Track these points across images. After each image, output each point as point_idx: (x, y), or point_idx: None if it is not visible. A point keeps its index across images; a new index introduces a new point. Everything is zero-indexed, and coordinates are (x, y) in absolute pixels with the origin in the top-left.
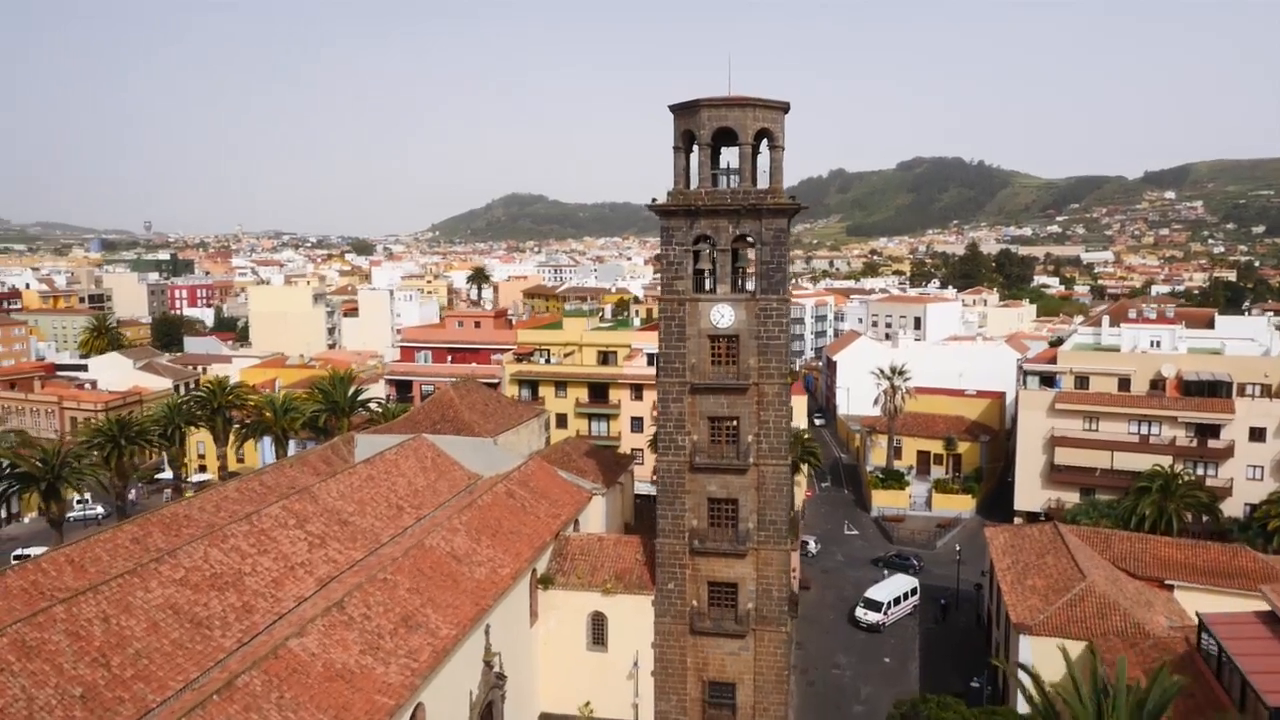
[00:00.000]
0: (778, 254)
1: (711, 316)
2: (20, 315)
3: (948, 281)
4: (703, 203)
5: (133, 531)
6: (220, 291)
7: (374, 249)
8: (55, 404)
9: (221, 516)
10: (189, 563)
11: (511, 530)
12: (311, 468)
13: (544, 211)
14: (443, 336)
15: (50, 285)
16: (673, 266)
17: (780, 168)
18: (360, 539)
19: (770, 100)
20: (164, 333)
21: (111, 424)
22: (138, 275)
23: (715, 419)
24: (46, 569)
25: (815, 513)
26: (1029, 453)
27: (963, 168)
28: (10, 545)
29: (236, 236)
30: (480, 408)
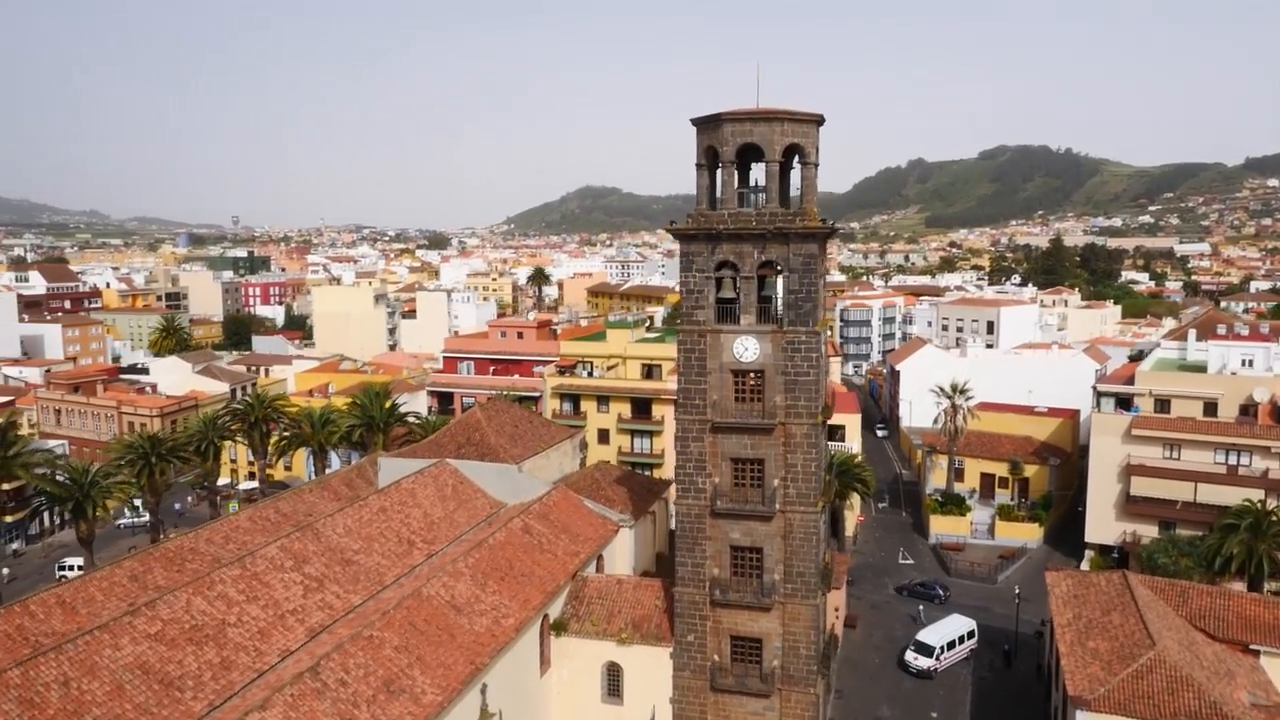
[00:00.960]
0: (807, 282)
1: (734, 349)
2: (100, 314)
3: (1028, 278)
4: (725, 226)
5: (132, 568)
6: (292, 289)
7: (449, 242)
8: (114, 408)
9: (230, 549)
10: (168, 614)
11: (523, 572)
12: (333, 492)
13: (617, 204)
14: (485, 347)
15: (129, 284)
16: (693, 295)
17: (812, 186)
18: (362, 580)
19: (800, 113)
20: (233, 331)
21: (144, 440)
22: (213, 274)
23: (738, 460)
24: (35, 611)
25: (868, 538)
26: (1102, 481)
27: (1049, 156)
28: (60, 552)
29: (319, 230)
30: (509, 430)
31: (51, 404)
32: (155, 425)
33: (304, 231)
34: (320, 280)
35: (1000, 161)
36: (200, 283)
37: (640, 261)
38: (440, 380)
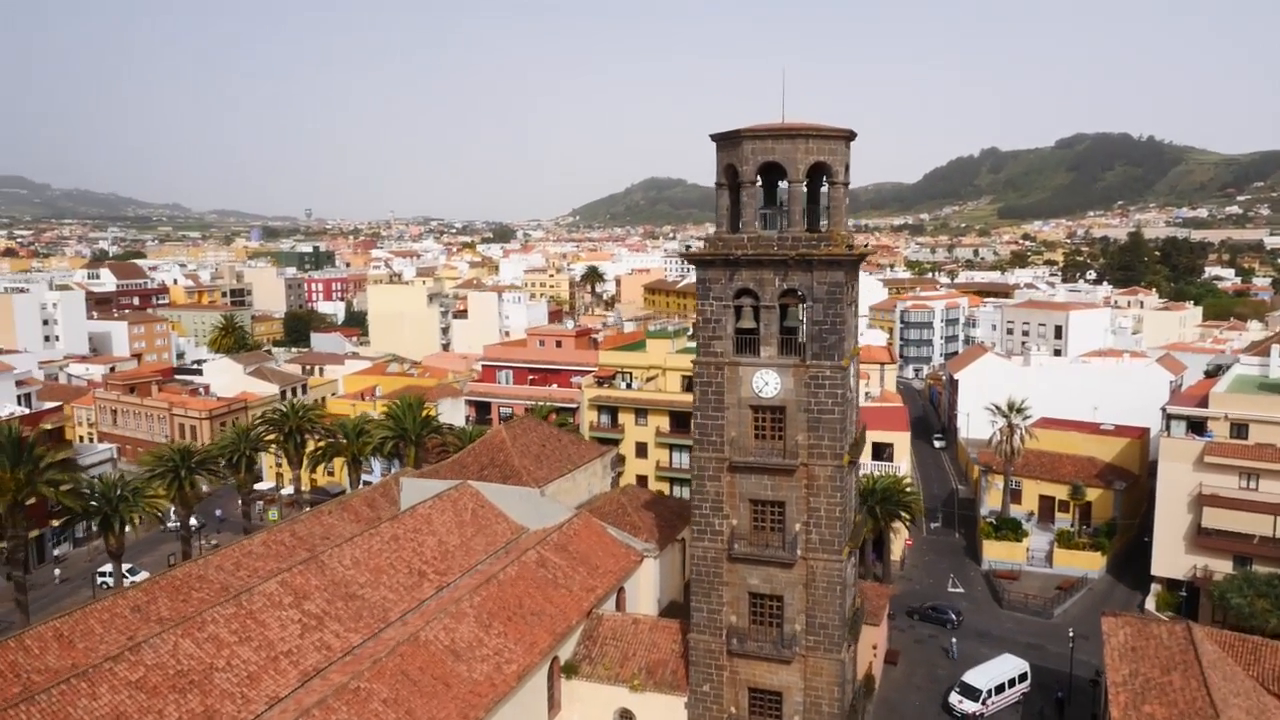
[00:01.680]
0: (832, 313)
1: (754, 384)
2: (166, 310)
3: (1103, 274)
4: (744, 252)
5: (136, 599)
6: (353, 285)
7: (513, 235)
8: (166, 410)
9: (240, 576)
10: (152, 658)
11: (534, 611)
12: (353, 513)
13: (682, 195)
14: (523, 356)
15: (195, 281)
16: (710, 324)
17: (841, 208)
18: (365, 616)
19: (826, 128)
20: (293, 328)
21: (174, 452)
22: (276, 269)
23: (758, 502)
24: (30, 646)
25: (917, 562)
26: (1171, 510)
27: (1130, 144)
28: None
29: (387, 223)
30: (535, 450)
31: (108, 404)
32: (204, 428)
33: (373, 224)
34: (381, 276)
35: (1078, 150)
36: (264, 279)
37: None
38: (478, 389)
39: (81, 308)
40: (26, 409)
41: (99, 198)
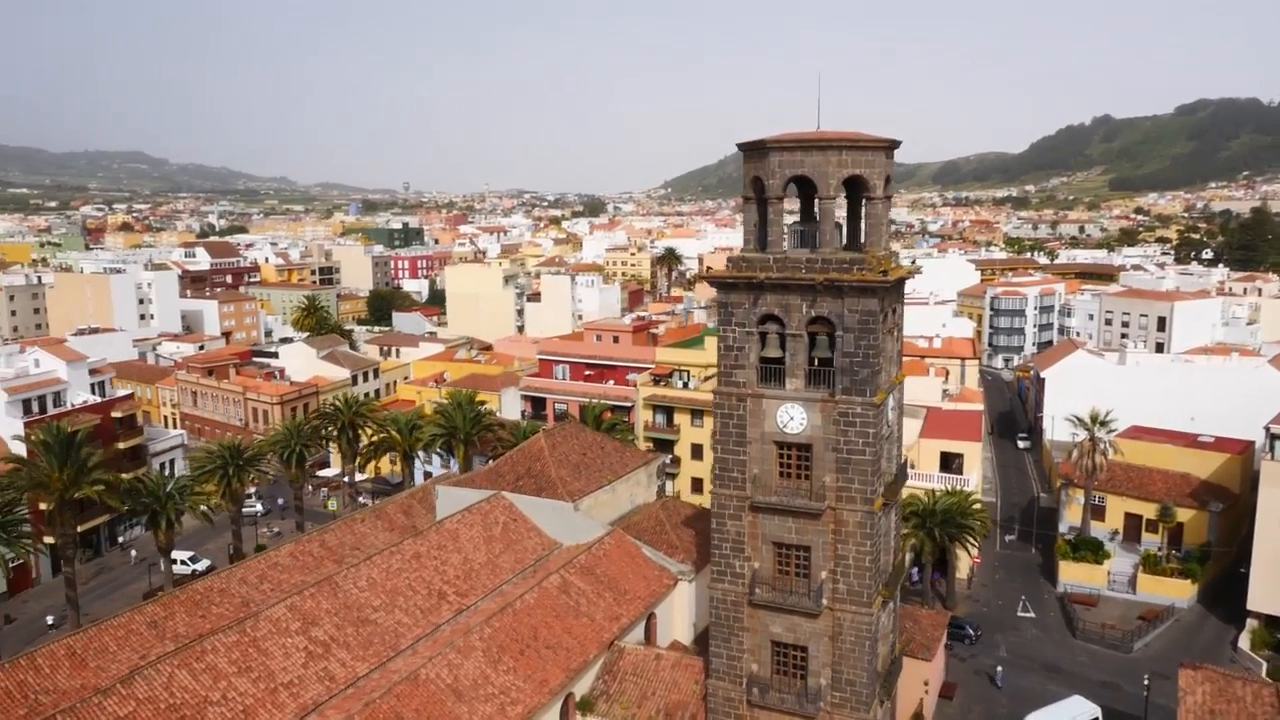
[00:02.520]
0: (865, 343)
1: (778, 418)
2: (258, 289)
3: (1221, 255)
4: (767, 275)
5: (154, 613)
6: (438, 263)
7: (604, 208)
8: (240, 394)
9: (263, 589)
10: (144, 691)
11: (549, 643)
12: (388, 521)
13: None
14: (579, 350)
15: (286, 259)
16: (732, 352)
17: (879, 226)
18: (376, 643)
19: (862, 138)
20: (376, 307)
21: (224, 449)
22: (364, 247)
23: (782, 545)
24: (41, 665)
25: (987, 579)
26: (1271, 539)
27: (1258, 110)
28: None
29: (481, 196)
30: (574, 459)
31: (189, 386)
32: (275, 413)
33: (468, 197)
34: (465, 253)
35: (1200, 117)
36: (352, 256)
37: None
38: (533, 385)
39: (174, 287)
40: (99, 397)
41: (212, 172)
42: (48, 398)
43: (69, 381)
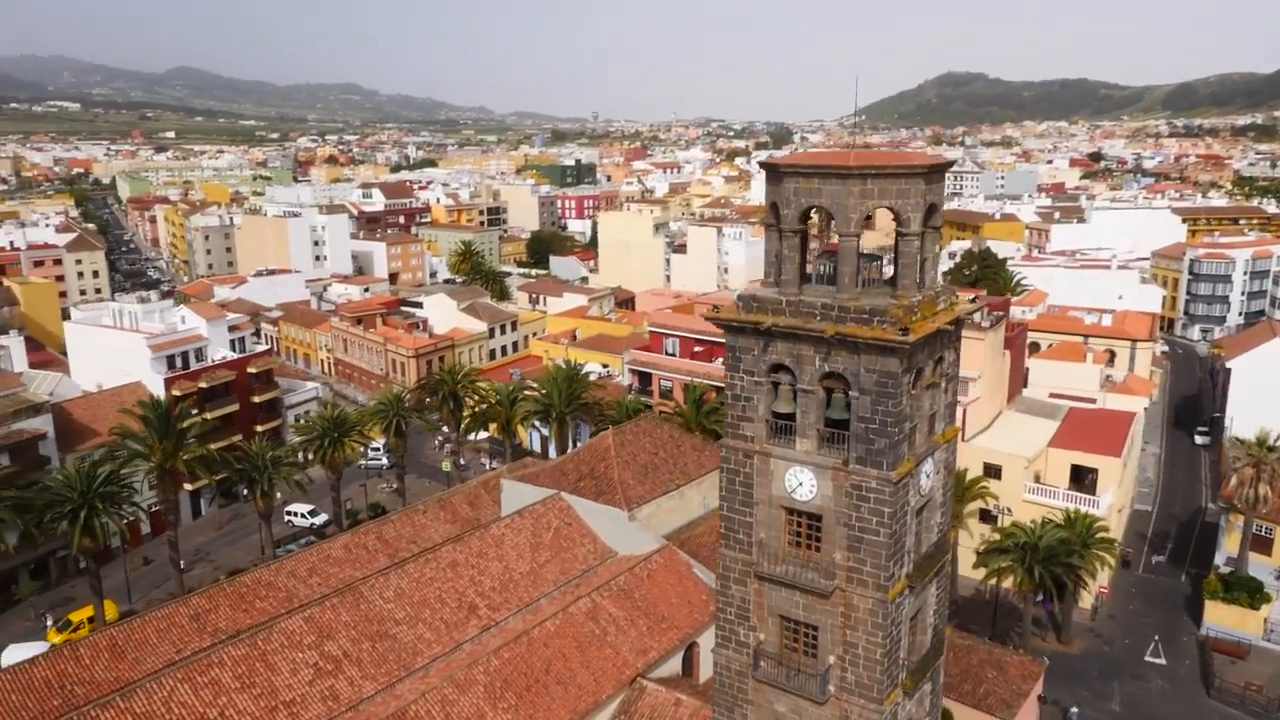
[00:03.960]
0: (883, 410)
1: (786, 481)
2: (428, 230)
3: None
4: (773, 322)
5: (197, 606)
6: (605, 202)
7: (791, 138)
8: (381, 345)
9: (312, 583)
10: (142, 705)
11: (562, 678)
12: (451, 513)
13: (981, 92)
14: (690, 325)
15: (455, 199)
16: (739, 402)
17: (913, 268)
18: (390, 660)
19: (892, 164)
20: (535, 250)
21: (325, 419)
22: (531, 187)
23: (789, 620)
24: (82, 656)
25: (1117, 610)
26: None
27: None
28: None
29: (668, 125)
30: (642, 460)
31: (340, 334)
32: (411, 366)
33: (654, 127)
34: (633, 192)
35: None
36: (519, 196)
37: (975, 173)
38: (640, 360)
39: (346, 230)
40: (237, 353)
41: (418, 102)
42: (190, 354)
43: (209, 338)
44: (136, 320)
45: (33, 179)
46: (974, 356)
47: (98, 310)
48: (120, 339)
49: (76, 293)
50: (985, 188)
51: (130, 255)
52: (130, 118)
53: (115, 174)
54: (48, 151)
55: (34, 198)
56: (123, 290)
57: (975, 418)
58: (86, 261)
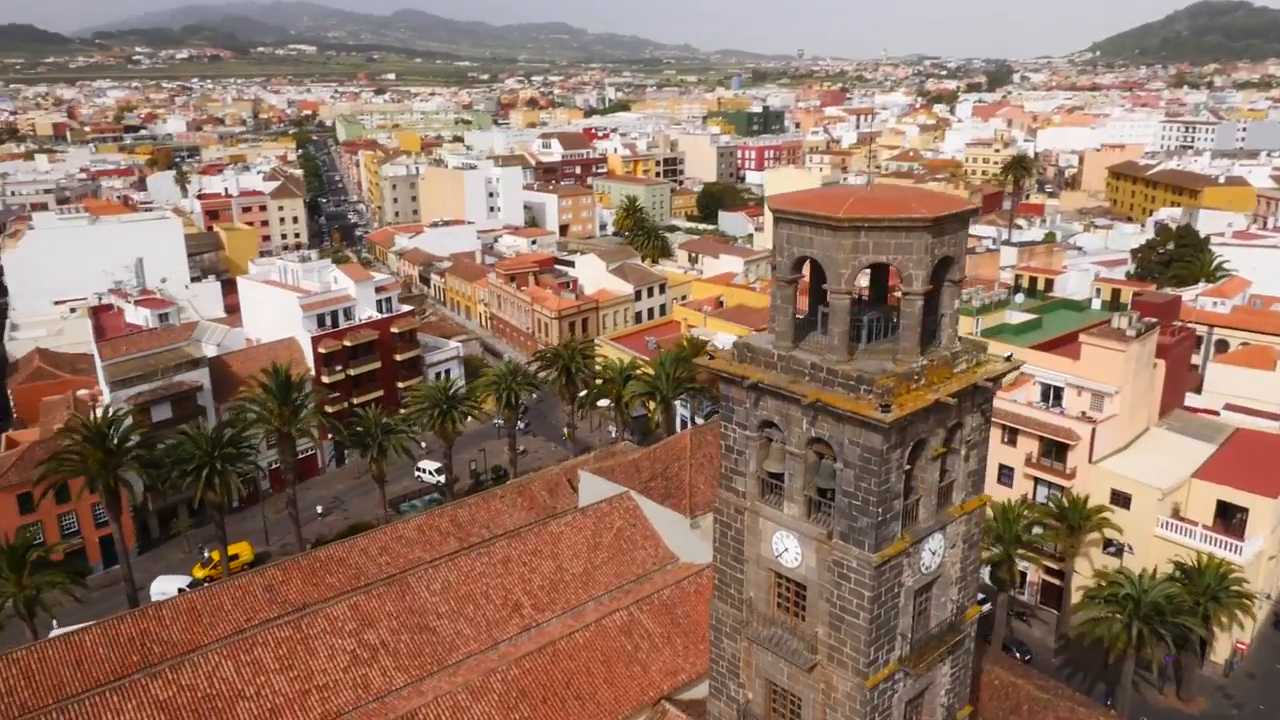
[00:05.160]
0: (868, 486)
1: (775, 543)
2: (602, 181)
3: None
4: (759, 378)
5: (273, 576)
6: (787, 153)
7: (1010, 77)
8: (529, 304)
9: (382, 561)
10: (188, 678)
11: (581, 693)
12: (529, 499)
13: (1242, 22)
14: None
15: (632, 150)
16: (732, 455)
17: (915, 330)
18: (425, 654)
19: (888, 217)
20: (705, 204)
21: (438, 390)
22: (710, 136)
23: (775, 686)
24: (164, 616)
25: (1257, 668)
26: None
27: None
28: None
29: (875, 64)
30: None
31: (496, 291)
32: (553, 328)
33: (861, 65)
34: (818, 142)
35: None
36: (697, 147)
37: (1210, 124)
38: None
39: (519, 182)
40: (382, 313)
41: (623, 41)
42: (339, 313)
43: (357, 298)
44: (297, 278)
45: (268, 120)
46: (1110, 369)
47: (267, 266)
48: (279, 296)
49: (278, 237)
50: (1222, 140)
51: (337, 197)
52: (358, 60)
53: (336, 116)
54: (283, 94)
55: (264, 140)
56: (323, 233)
57: (1108, 437)
58: (288, 208)
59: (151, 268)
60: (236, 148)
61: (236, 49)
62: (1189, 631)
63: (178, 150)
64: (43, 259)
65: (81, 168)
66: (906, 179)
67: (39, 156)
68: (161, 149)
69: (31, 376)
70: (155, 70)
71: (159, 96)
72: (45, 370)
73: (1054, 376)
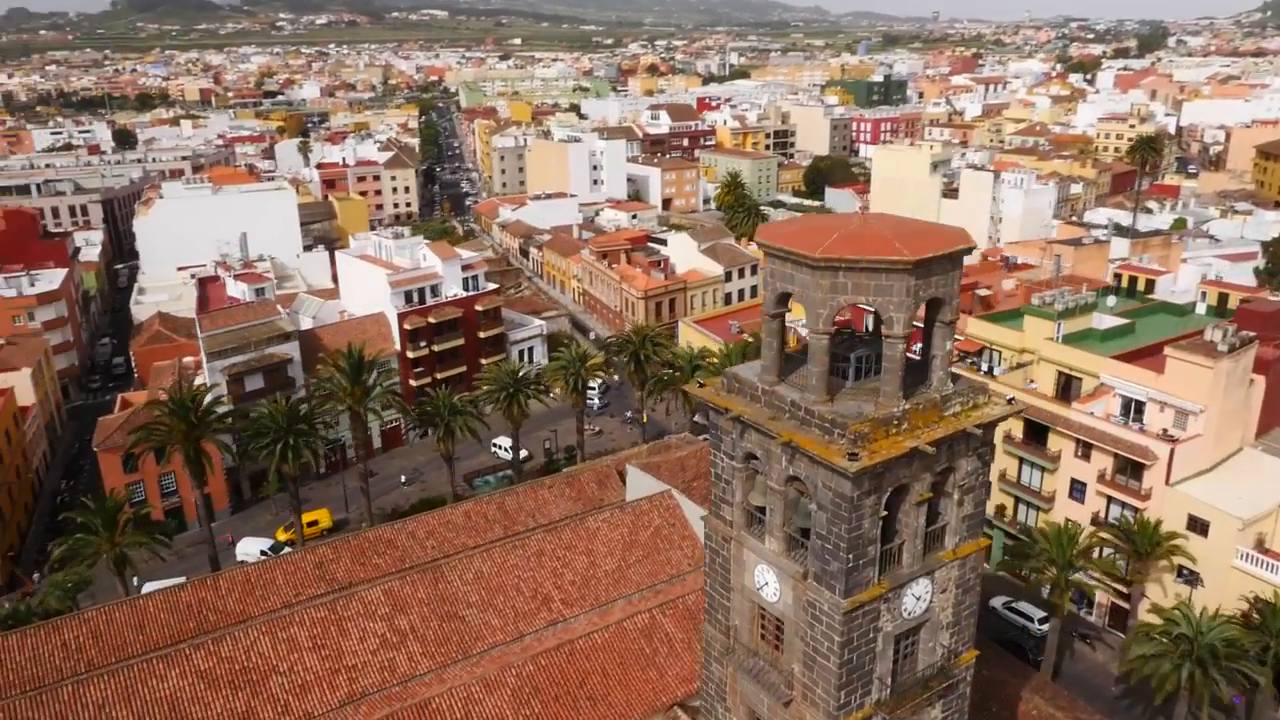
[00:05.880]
0: (838, 531)
1: (756, 576)
2: (709, 154)
3: None
4: (740, 412)
5: (322, 555)
6: (905, 126)
7: (1165, 41)
8: (617, 283)
9: (428, 546)
10: (227, 650)
11: (594, 694)
12: (577, 490)
13: None
14: None
15: (742, 122)
16: (721, 482)
17: (895, 374)
18: (453, 641)
19: (866, 258)
20: (812, 179)
21: (507, 374)
22: (823, 108)
23: (756, 717)
24: (221, 586)
25: None
26: None
27: None
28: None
29: (1016, 26)
30: None
31: (588, 267)
32: (639, 308)
33: (1000, 28)
34: (939, 114)
35: None
36: (809, 118)
37: None
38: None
39: (623, 155)
40: (468, 291)
41: (751, 3)
42: (425, 290)
43: (444, 276)
44: (391, 254)
45: (396, 86)
46: (1196, 386)
47: (364, 241)
48: (371, 271)
49: (390, 207)
50: None
51: (454, 165)
52: (487, 24)
53: (460, 83)
54: (413, 59)
55: (388, 108)
56: (434, 202)
57: (1190, 458)
58: (400, 178)
59: (266, 237)
60: (362, 115)
61: (372, 14)
62: (1250, 680)
63: (309, 116)
64: (169, 227)
65: (219, 134)
66: (1029, 155)
67: (184, 123)
68: (294, 115)
69: (151, 339)
70: (296, 36)
71: (297, 62)
72: (163, 334)
73: (1136, 390)
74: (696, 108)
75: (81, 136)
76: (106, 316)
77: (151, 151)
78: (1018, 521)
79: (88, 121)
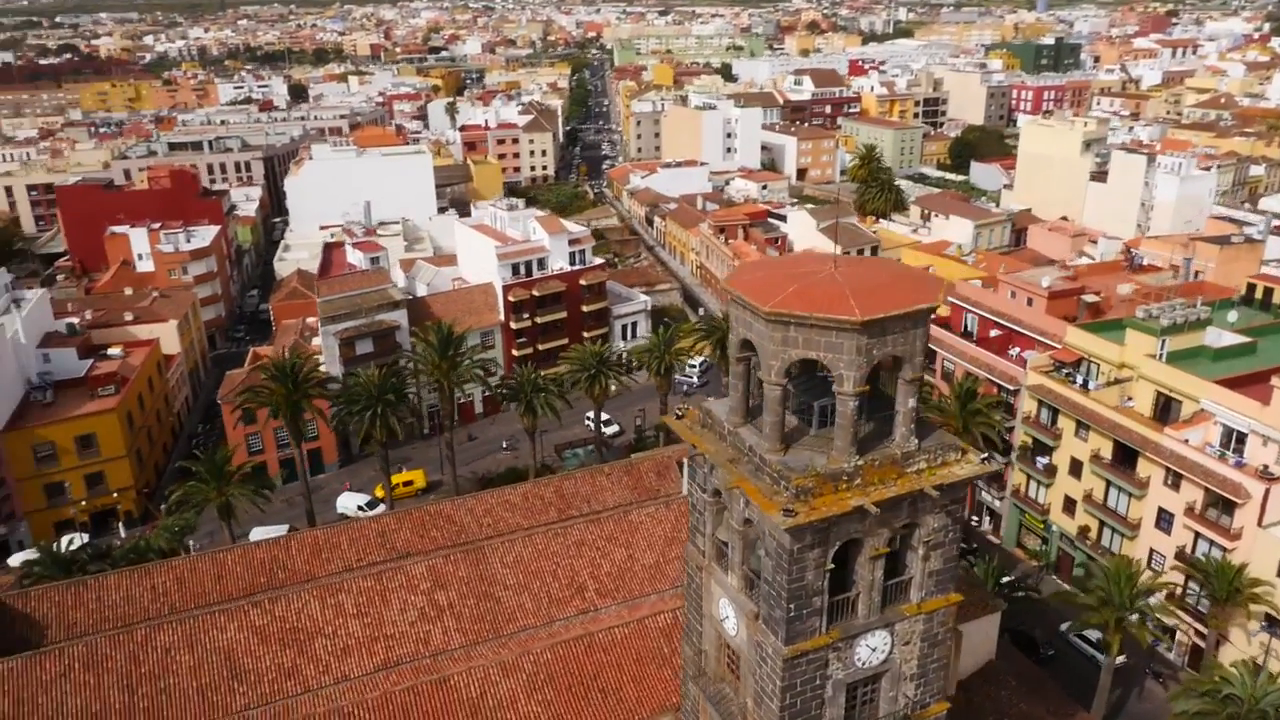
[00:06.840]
0: (780, 580)
1: (720, 607)
2: (855, 122)
3: None
4: (705, 450)
5: (388, 524)
6: (1072, 94)
7: None
8: (731, 259)
9: (485, 523)
10: (280, 610)
11: (606, 687)
12: (635, 479)
13: None
14: (989, 303)
15: (890, 89)
16: (695, 512)
17: (847, 434)
18: (485, 620)
19: (817, 316)
20: (958, 152)
21: (590, 354)
22: (980, 74)
23: None
24: (291, 548)
25: None
26: None
27: None
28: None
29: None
30: None
31: (704, 240)
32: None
33: None
34: (1111, 82)
35: None
36: (964, 85)
37: None
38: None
39: (758, 123)
40: (574, 265)
41: None
42: (532, 263)
43: (550, 250)
44: (505, 225)
45: (555, 42)
46: None
47: (483, 210)
48: (482, 242)
49: (527, 170)
50: None
51: (599, 124)
52: None
53: (615, 40)
54: (574, 14)
55: (542, 66)
56: (572, 165)
57: None
58: (538, 142)
59: (403, 199)
60: (516, 73)
61: None
62: None
63: (468, 73)
64: (314, 187)
65: (380, 91)
66: (1207, 131)
67: (351, 79)
68: (452, 72)
69: (288, 295)
70: None
71: (464, 17)
72: (299, 291)
73: (1237, 420)
74: (848, 71)
75: (260, 91)
76: (259, 269)
77: (314, 109)
78: (1100, 545)
79: (268, 76)
